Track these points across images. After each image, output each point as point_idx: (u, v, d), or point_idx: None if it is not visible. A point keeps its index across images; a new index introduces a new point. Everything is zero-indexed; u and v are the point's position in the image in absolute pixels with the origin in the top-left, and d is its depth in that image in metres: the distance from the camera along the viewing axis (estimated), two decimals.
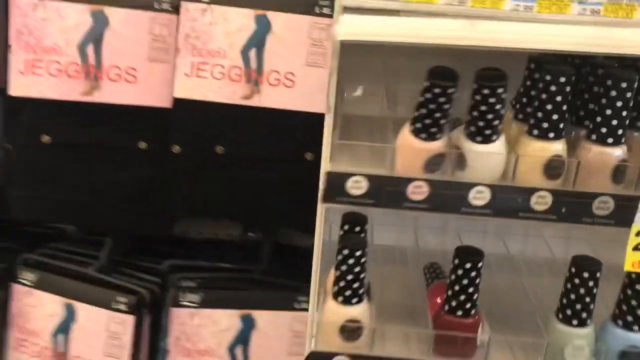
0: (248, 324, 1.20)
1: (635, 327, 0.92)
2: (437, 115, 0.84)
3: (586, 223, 0.86)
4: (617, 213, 0.85)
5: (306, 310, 1.00)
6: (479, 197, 0.85)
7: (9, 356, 1.41)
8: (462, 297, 0.92)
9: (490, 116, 0.84)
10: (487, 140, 0.85)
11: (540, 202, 0.85)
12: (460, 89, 0.84)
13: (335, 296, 0.93)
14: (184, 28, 1.09)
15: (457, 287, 0.92)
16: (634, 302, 0.91)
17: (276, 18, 1.08)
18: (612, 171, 0.85)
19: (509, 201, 0.85)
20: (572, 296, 0.91)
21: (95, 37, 1.12)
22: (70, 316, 1.29)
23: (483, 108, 0.83)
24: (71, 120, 1.18)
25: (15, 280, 1.31)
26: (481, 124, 0.84)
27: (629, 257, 0.87)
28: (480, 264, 0.91)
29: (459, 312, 0.92)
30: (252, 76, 1.10)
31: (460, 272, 0.91)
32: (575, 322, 0.92)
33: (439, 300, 0.98)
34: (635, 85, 0.83)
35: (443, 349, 0.94)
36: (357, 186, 0.86)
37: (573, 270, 0.91)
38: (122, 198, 1.23)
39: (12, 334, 1.36)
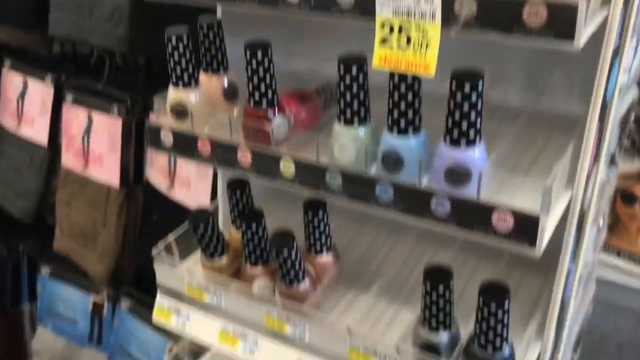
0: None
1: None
2: None
3: (335, 13, 0.87)
4: (360, 3, 0.85)
5: None
6: None
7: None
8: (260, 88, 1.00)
9: None
10: None
11: None
12: None
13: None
14: None
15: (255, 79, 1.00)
16: (402, 106, 0.89)
17: None
18: None
19: None
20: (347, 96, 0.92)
21: None
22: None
23: None
24: None
25: None
26: None
27: (376, 52, 0.86)
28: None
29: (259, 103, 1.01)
30: None
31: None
32: (342, 120, 0.94)
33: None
34: None
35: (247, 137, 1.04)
36: None
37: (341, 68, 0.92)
38: None
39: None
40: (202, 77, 1.11)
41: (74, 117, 1.93)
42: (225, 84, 1.13)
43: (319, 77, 1.27)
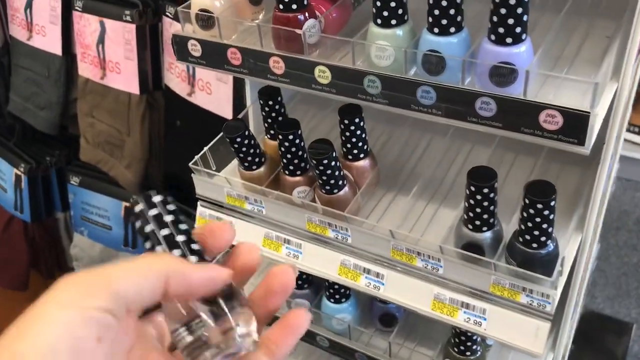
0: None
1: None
2: None
3: None
4: None
5: None
6: None
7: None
8: None
9: None
10: None
11: None
12: None
13: None
14: None
15: None
16: (444, 3, 0.85)
17: None
18: None
19: None
20: None
21: None
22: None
23: None
24: None
25: None
26: None
27: None
28: None
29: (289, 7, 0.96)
30: None
31: None
32: (379, 21, 0.89)
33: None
34: None
35: (278, 44, 1.01)
36: None
37: None
38: None
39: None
40: None
41: (86, 25, 1.88)
42: None
43: None
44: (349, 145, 1.09)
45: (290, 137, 1.05)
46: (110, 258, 2.32)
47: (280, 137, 1.06)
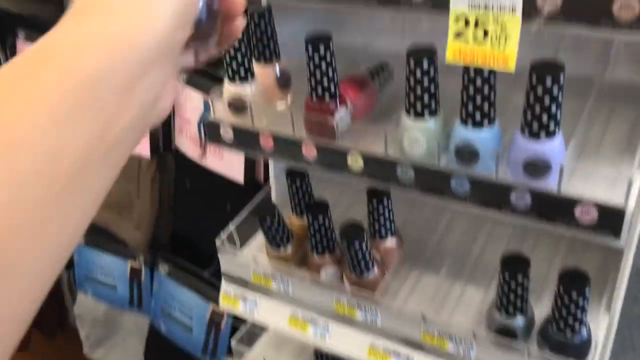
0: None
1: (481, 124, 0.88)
2: None
3: (406, 6, 0.84)
4: None
5: None
6: None
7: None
8: (323, 83, 0.98)
9: None
10: None
11: None
12: None
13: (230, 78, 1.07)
14: None
15: (317, 74, 0.98)
16: (478, 100, 0.88)
17: None
18: None
19: None
20: (417, 90, 0.90)
21: None
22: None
23: None
24: None
25: None
26: None
27: (450, 47, 0.84)
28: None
29: (322, 97, 0.99)
30: None
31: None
32: (411, 113, 0.92)
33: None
34: None
35: (310, 131, 1.03)
36: None
37: (411, 61, 0.89)
38: None
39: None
40: (255, 67, 1.09)
41: None
42: (278, 72, 1.11)
43: (367, 52, 1.24)
44: (376, 225, 1.10)
45: (320, 219, 1.07)
46: (115, 318, 2.29)
47: (309, 218, 1.07)
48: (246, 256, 1.17)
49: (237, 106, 1.06)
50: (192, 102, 1.80)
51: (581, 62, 1.10)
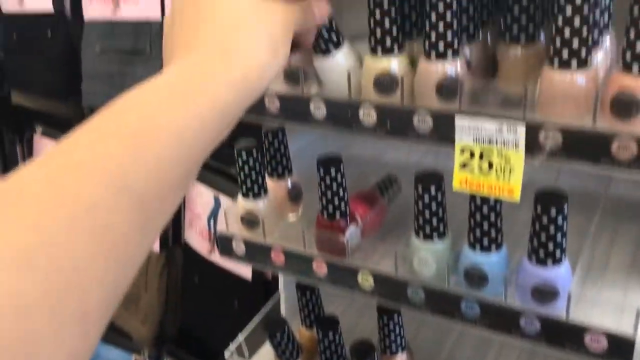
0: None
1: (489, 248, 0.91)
2: None
3: (412, 138, 0.88)
4: (438, 129, 0.86)
5: None
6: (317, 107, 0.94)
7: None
8: (334, 202, 1.01)
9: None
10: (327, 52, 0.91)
11: (367, 114, 0.90)
12: None
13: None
14: None
15: (328, 194, 1.01)
16: (485, 226, 0.90)
17: None
18: (436, 87, 0.85)
19: (343, 115, 0.92)
20: (425, 214, 0.94)
21: None
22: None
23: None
24: None
25: None
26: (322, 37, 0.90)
27: (456, 176, 0.87)
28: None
29: (332, 216, 1.02)
30: None
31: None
32: (421, 235, 0.95)
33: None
34: None
35: (321, 248, 1.05)
36: None
37: (419, 187, 0.93)
38: None
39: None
40: (268, 181, 1.12)
41: None
42: (290, 187, 1.14)
43: (376, 162, 1.28)
44: (387, 341, 1.10)
45: (331, 335, 1.07)
46: None
47: (319, 335, 1.08)
48: None
49: (250, 221, 1.09)
50: (202, 198, 1.83)
51: (584, 177, 1.13)
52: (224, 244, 1.11)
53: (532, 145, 0.81)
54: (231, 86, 0.50)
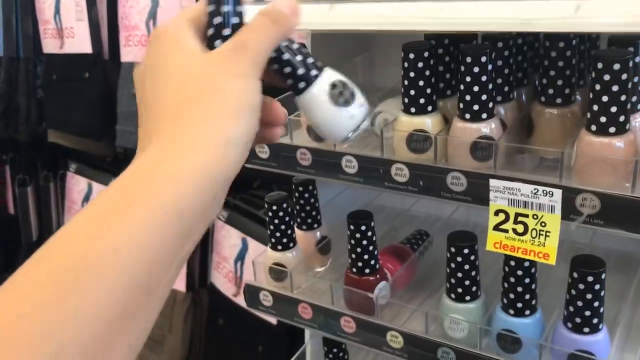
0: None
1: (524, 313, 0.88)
2: None
3: (445, 198, 0.87)
4: (472, 190, 0.84)
5: None
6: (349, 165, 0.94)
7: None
8: (363, 258, 1.00)
9: None
10: None
11: (399, 173, 0.90)
12: None
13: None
14: None
15: (358, 250, 1.00)
16: (519, 289, 0.88)
17: None
18: (471, 147, 0.84)
19: (374, 171, 0.92)
20: (458, 275, 0.92)
21: None
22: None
23: None
24: None
25: None
26: None
27: (490, 237, 0.86)
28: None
29: (362, 271, 1.01)
30: None
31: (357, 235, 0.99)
32: (453, 295, 0.93)
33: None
34: (485, 59, 0.81)
35: (349, 304, 1.04)
36: None
37: (452, 248, 0.91)
38: None
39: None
40: (297, 233, 1.12)
41: None
42: (319, 238, 1.14)
43: (406, 214, 1.27)
44: None
45: None
46: None
47: None
48: None
49: (278, 273, 1.08)
50: (230, 240, 1.83)
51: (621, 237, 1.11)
52: (251, 294, 1.10)
53: (569, 210, 0.79)
54: (187, 180, 0.44)
